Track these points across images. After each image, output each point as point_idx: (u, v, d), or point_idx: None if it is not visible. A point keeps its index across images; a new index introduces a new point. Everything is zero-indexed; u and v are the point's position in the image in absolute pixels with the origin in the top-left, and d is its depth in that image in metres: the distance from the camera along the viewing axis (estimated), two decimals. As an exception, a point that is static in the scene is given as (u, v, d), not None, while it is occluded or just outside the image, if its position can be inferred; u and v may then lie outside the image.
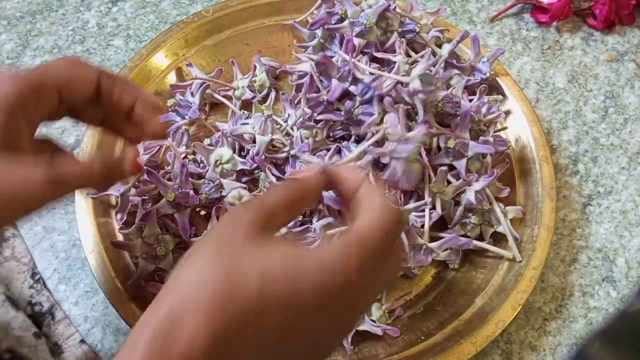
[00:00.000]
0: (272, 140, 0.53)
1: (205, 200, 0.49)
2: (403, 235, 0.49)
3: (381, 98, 0.49)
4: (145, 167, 0.50)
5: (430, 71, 0.48)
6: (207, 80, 0.57)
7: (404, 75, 0.50)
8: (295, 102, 0.56)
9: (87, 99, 0.40)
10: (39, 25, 0.66)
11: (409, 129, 0.50)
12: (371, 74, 0.50)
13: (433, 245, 0.50)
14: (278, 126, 0.54)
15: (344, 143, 0.53)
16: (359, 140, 0.53)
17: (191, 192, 0.49)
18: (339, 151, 0.52)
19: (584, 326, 0.53)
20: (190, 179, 0.50)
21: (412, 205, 0.49)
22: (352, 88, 0.51)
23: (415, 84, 0.48)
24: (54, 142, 0.42)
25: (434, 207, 0.51)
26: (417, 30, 0.55)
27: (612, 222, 0.58)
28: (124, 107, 0.41)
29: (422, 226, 0.50)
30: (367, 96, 0.50)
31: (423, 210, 0.50)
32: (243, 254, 0.29)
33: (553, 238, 0.52)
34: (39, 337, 0.48)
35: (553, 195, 0.53)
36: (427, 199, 0.50)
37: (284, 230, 0.46)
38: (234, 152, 0.53)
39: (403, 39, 0.55)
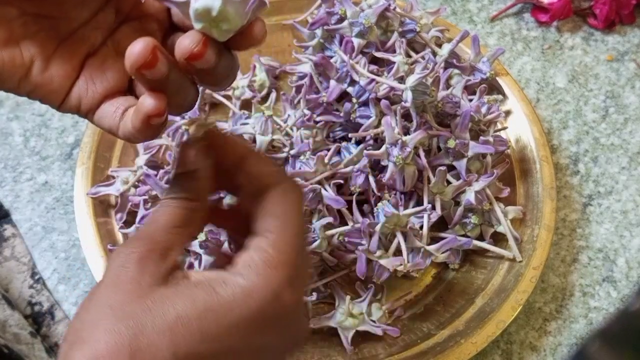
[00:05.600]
0: (272, 140, 0.53)
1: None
2: (401, 237, 0.49)
3: (378, 100, 0.50)
4: (144, 167, 0.50)
5: (426, 80, 0.48)
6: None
7: (400, 80, 0.50)
8: (295, 102, 0.56)
9: None
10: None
11: (407, 131, 0.50)
12: (367, 77, 0.50)
13: (431, 248, 0.50)
14: (278, 126, 0.54)
15: (344, 144, 0.53)
16: (359, 141, 0.53)
17: None
18: (338, 152, 0.52)
19: (584, 326, 0.53)
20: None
21: (411, 210, 0.49)
22: (350, 89, 0.51)
23: (408, 96, 0.48)
24: None
25: (433, 208, 0.51)
26: (417, 30, 0.55)
27: (613, 222, 0.57)
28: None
29: (421, 227, 0.50)
30: (362, 98, 0.50)
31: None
32: (144, 313, 0.26)
33: (553, 238, 0.52)
34: (34, 337, 0.48)
35: (553, 195, 0.53)
36: (427, 204, 0.50)
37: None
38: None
39: (403, 39, 0.55)
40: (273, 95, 0.59)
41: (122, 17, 0.33)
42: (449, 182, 0.51)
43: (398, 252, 0.49)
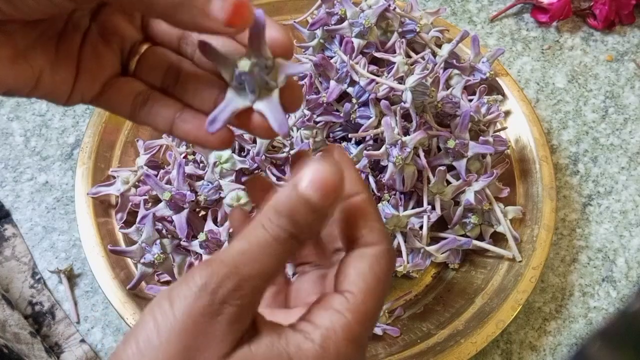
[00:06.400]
0: (272, 140, 0.53)
1: (204, 201, 0.49)
2: (401, 238, 0.49)
3: (378, 100, 0.50)
4: (144, 167, 0.50)
5: (426, 80, 0.48)
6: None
7: (400, 80, 0.50)
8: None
9: None
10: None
11: (406, 131, 0.50)
12: (367, 77, 0.50)
13: (431, 248, 0.50)
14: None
15: (344, 144, 0.53)
16: (359, 141, 0.53)
17: (188, 193, 0.49)
18: (339, 151, 0.52)
19: (584, 326, 0.53)
20: (189, 179, 0.50)
21: (411, 211, 0.49)
22: (350, 90, 0.51)
23: (408, 96, 0.48)
24: None
25: (433, 208, 0.51)
26: (417, 30, 0.55)
27: (612, 222, 0.58)
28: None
29: (421, 227, 0.50)
30: (362, 99, 0.50)
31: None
32: None
33: (553, 238, 0.52)
34: (34, 336, 0.48)
35: (553, 195, 0.53)
36: (427, 206, 0.50)
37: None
38: (235, 152, 0.53)
39: (403, 39, 0.55)
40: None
41: None
42: (448, 182, 0.51)
43: (398, 253, 0.49)
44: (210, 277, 0.25)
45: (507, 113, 0.58)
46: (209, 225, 0.49)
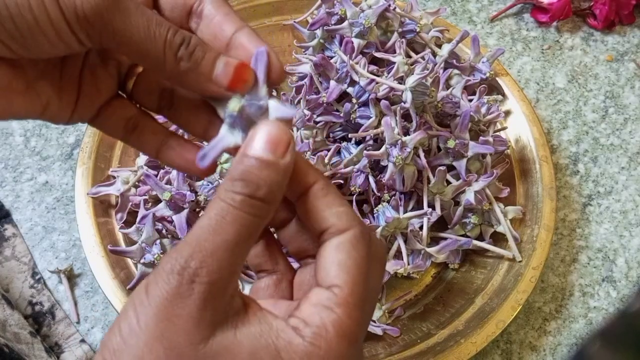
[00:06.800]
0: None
1: (204, 201, 0.49)
2: (401, 240, 0.49)
3: (378, 100, 0.50)
4: (144, 167, 0.50)
5: (426, 80, 0.48)
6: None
7: (400, 80, 0.50)
8: (295, 102, 0.56)
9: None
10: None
11: (406, 131, 0.50)
12: (367, 77, 0.50)
13: (432, 250, 0.50)
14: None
15: (344, 144, 0.53)
16: (359, 141, 0.53)
17: (188, 193, 0.49)
18: (338, 152, 0.52)
19: (584, 326, 0.53)
20: (189, 179, 0.50)
21: (412, 213, 0.49)
22: (350, 90, 0.51)
23: (408, 96, 0.48)
24: None
25: (433, 208, 0.51)
26: (417, 30, 0.55)
27: (612, 222, 0.58)
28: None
29: (421, 228, 0.50)
30: (362, 99, 0.50)
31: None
32: None
33: (553, 238, 0.52)
34: (34, 336, 0.49)
35: (553, 195, 0.53)
36: (427, 208, 0.50)
37: None
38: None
39: (403, 39, 0.55)
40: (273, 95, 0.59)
41: None
42: (448, 182, 0.51)
43: (398, 253, 0.49)
44: (175, 259, 0.25)
45: (507, 113, 0.58)
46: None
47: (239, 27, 0.30)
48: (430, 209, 0.50)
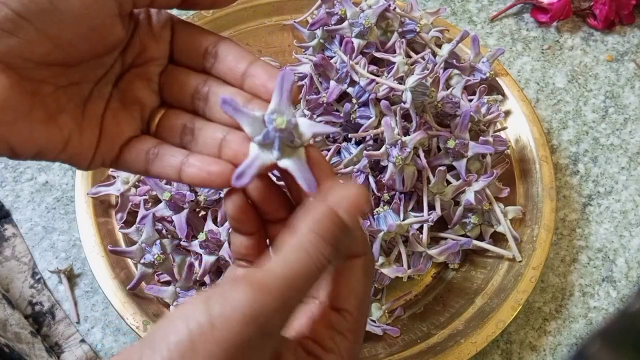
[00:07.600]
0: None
1: (204, 201, 0.49)
2: (402, 244, 0.49)
3: (378, 100, 0.50)
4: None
5: (426, 80, 0.48)
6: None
7: (400, 80, 0.50)
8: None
9: None
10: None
11: (406, 131, 0.50)
12: (367, 77, 0.50)
13: (432, 252, 0.50)
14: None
15: (344, 144, 0.53)
16: (359, 141, 0.53)
17: (188, 193, 0.49)
18: (338, 152, 0.52)
19: (584, 326, 0.53)
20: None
21: (413, 219, 0.49)
22: (350, 90, 0.51)
23: (408, 96, 0.48)
24: None
25: (433, 208, 0.51)
26: (417, 30, 0.55)
27: (612, 222, 0.58)
28: None
29: (421, 230, 0.50)
30: (362, 99, 0.50)
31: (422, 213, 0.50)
32: None
33: (553, 238, 0.52)
34: (35, 336, 0.49)
35: (553, 195, 0.53)
36: (427, 212, 0.50)
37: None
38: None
39: (403, 39, 0.55)
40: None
41: (126, 67, 0.33)
42: (448, 182, 0.51)
43: (398, 256, 0.49)
44: (260, 307, 0.24)
45: (507, 113, 0.58)
46: (209, 225, 0.49)
47: (253, 60, 0.32)
48: (430, 213, 0.50)
